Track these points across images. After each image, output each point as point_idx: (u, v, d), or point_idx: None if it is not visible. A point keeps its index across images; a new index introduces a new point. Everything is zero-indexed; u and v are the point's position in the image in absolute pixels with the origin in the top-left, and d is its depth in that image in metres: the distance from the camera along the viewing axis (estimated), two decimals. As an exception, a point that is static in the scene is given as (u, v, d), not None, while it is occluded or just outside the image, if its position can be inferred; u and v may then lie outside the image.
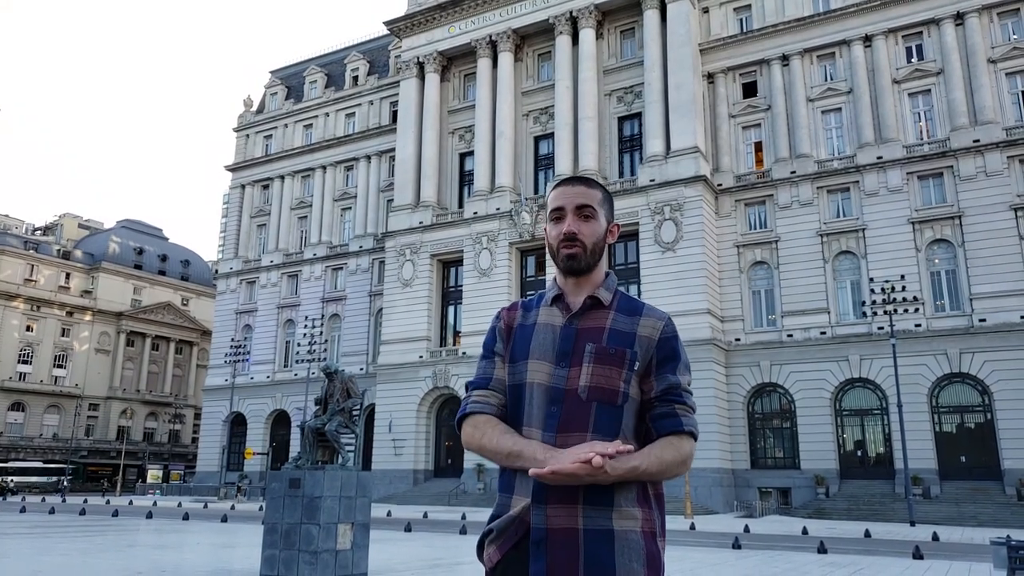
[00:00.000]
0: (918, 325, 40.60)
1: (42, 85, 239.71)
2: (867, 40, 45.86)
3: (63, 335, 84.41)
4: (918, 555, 18.77)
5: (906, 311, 39.02)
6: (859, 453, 42.40)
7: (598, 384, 2.27)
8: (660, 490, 2.34)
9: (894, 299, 38.40)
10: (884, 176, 43.62)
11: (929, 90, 44.41)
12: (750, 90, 49.33)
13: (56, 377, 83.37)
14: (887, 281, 39.14)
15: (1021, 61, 42.35)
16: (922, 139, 44.13)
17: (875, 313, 39.88)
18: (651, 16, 49.52)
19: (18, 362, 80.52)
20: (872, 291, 40.06)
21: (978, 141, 41.61)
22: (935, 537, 25.78)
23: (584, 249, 2.39)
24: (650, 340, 2.34)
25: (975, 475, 38.40)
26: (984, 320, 39.41)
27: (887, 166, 43.57)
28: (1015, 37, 42.90)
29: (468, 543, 21.42)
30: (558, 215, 2.44)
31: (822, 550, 19.93)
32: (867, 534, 27.03)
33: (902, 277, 39.84)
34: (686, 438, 2.29)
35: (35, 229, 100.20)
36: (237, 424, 64.12)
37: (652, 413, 2.32)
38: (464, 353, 49.89)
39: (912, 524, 32.96)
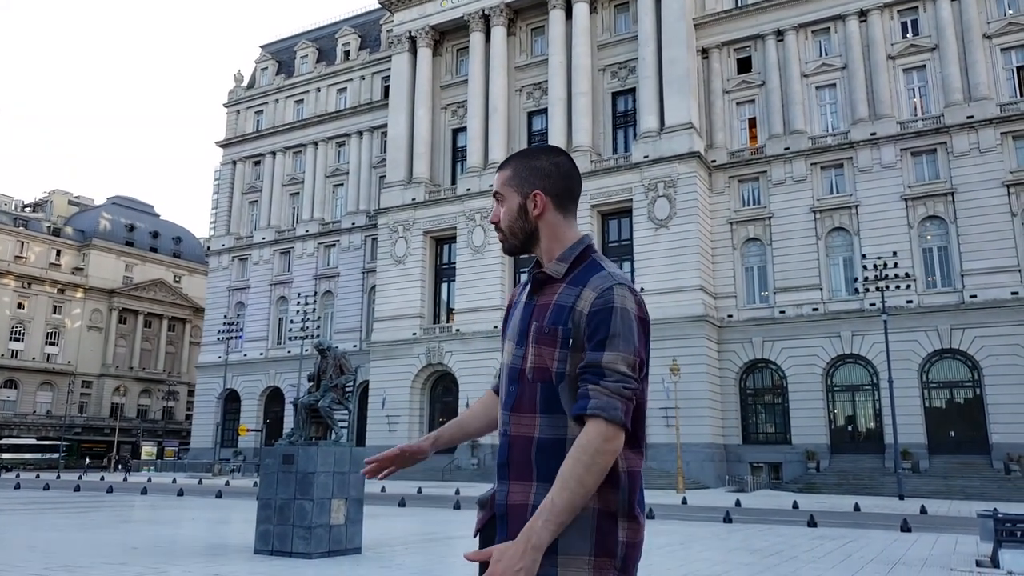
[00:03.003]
0: (910, 301, 40.79)
1: (31, 61, 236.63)
2: (862, 15, 45.57)
3: (55, 312, 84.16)
4: (906, 528, 18.99)
5: (898, 287, 39.19)
6: (850, 428, 42.78)
7: (536, 364, 2.20)
8: (635, 467, 2.16)
9: (886, 275, 38.54)
10: (878, 152, 43.56)
11: (924, 66, 44.22)
12: (744, 65, 49.03)
13: (48, 354, 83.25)
14: (879, 257, 39.27)
15: (1016, 36, 42.19)
16: (916, 115, 44.03)
17: (867, 289, 40.02)
18: (645, -10, 48.98)
19: (10, 339, 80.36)
20: (864, 267, 40.17)
21: (972, 117, 41.52)
22: (923, 510, 26.09)
23: (504, 234, 2.39)
24: (581, 314, 2.16)
25: (964, 449, 38.84)
26: (975, 296, 39.61)
27: (881, 142, 43.50)
28: (1010, 12, 42.64)
29: (461, 518, 21.57)
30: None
31: (812, 524, 20.16)
32: (856, 508, 27.32)
33: (894, 254, 39.95)
34: (593, 422, 2.03)
35: (24, 206, 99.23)
36: (231, 401, 64.26)
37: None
38: (457, 330, 49.93)
39: (901, 498, 33.36)
